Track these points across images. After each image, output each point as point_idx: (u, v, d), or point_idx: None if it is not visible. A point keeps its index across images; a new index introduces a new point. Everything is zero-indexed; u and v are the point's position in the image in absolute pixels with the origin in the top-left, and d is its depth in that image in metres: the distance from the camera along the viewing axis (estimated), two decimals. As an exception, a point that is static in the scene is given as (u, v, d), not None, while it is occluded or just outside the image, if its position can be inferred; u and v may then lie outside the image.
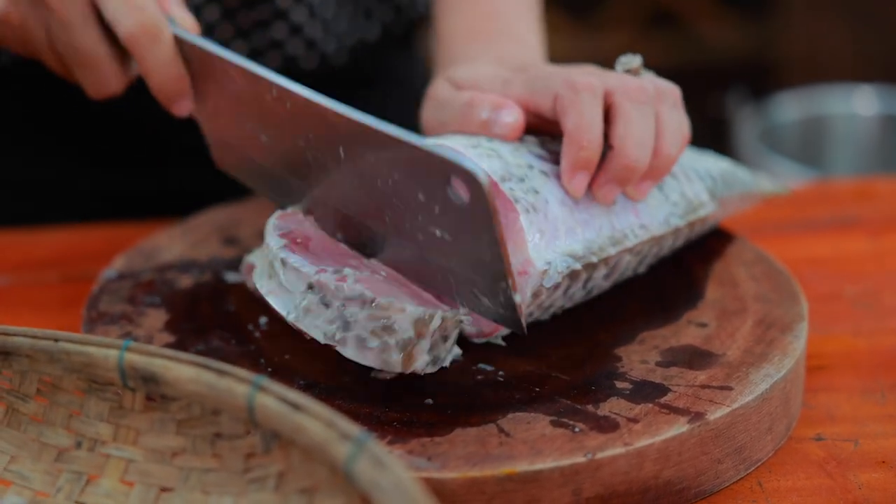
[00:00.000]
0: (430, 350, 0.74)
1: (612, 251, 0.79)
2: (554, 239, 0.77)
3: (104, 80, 0.86)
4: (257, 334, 0.81)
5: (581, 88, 0.78)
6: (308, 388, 0.75)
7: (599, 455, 0.69)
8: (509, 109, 0.81)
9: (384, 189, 0.74)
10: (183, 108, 0.87)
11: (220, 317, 0.84)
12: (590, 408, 0.73)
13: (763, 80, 2.73)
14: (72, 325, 0.85)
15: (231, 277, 0.88)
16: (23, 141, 1.16)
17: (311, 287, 0.73)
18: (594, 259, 0.78)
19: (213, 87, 0.85)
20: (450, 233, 0.72)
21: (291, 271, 0.74)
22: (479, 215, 0.68)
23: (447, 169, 0.68)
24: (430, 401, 0.74)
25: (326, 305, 0.72)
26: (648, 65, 0.84)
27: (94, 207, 1.15)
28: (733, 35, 2.98)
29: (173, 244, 0.93)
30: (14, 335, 0.67)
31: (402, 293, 0.75)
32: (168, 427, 0.67)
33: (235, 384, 0.62)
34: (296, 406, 0.60)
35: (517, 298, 0.71)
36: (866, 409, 0.80)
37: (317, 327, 0.73)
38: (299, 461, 0.62)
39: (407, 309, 0.72)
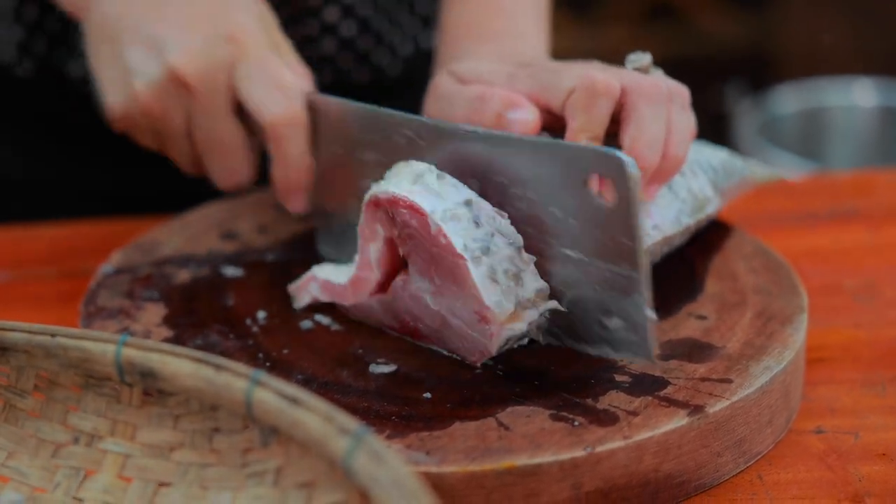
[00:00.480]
0: (529, 325, 0.75)
1: None
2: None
3: (238, 168, 0.87)
4: (255, 329, 0.81)
5: (600, 88, 0.77)
6: (306, 382, 0.75)
7: (599, 448, 0.68)
8: (525, 108, 0.80)
9: (518, 216, 0.75)
10: (300, 203, 0.87)
11: (219, 311, 0.83)
12: (589, 401, 0.72)
13: (762, 73, 2.73)
14: (70, 321, 0.85)
15: (229, 272, 0.88)
16: (21, 140, 1.16)
17: (468, 203, 0.74)
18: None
19: (332, 149, 0.84)
20: (583, 250, 0.73)
21: (449, 184, 0.75)
22: (621, 214, 0.69)
23: (588, 162, 0.70)
24: (428, 395, 0.74)
25: (477, 224, 0.74)
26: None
27: (91, 207, 1.15)
28: (732, 28, 2.98)
29: (171, 239, 0.93)
30: (11, 330, 0.67)
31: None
32: (166, 422, 0.67)
33: (233, 379, 0.62)
34: (294, 401, 0.60)
35: (650, 315, 0.72)
36: (866, 402, 0.80)
37: (459, 235, 0.74)
38: (298, 456, 0.62)
39: (538, 277, 0.74)
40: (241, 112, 0.85)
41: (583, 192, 0.72)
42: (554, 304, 0.76)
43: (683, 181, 0.85)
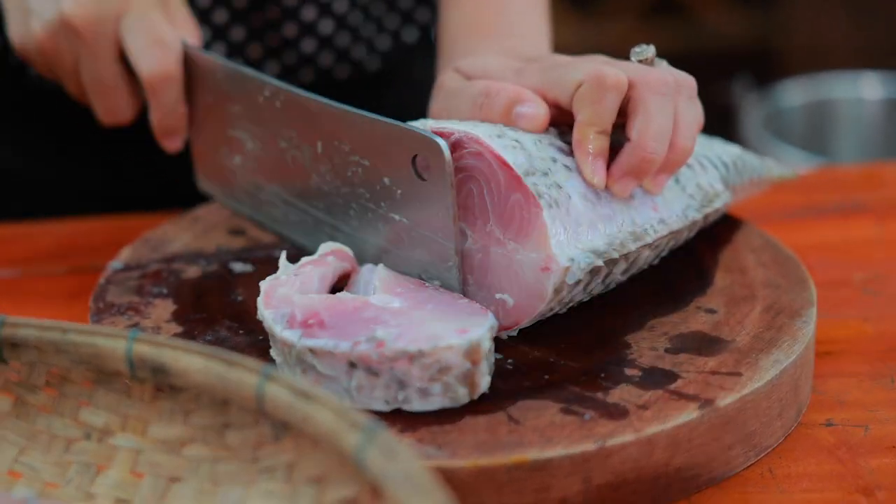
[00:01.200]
0: (489, 368, 0.74)
1: (632, 247, 0.78)
2: (576, 235, 0.77)
3: (118, 108, 0.94)
4: (265, 324, 0.81)
5: (608, 82, 0.77)
6: (316, 377, 0.75)
7: (609, 442, 0.68)
8: (533, 102, 0.80)
9: (352, 179, 0.82)
10: (175, 144, 0.96)
11: (228, 307, 0.84)
12: (599, 395, 0.72)
13: (768, 67, 2.73)
14: (79, 317, 0.85)
15: (238, 267, 0.88)
16: (27, 140, 1.16)
17: (353, 364, 0.71)
18: (615, 255, 0.77)
19: (207, 98, 0.93)
20: (407, 216, 0.79)
21: (326, 357, 0.72)
22: (438, 188, 0.75)
23: (415, 142, 0.76)
24: (439, 389, 0.74)
25: (376, 375, 0.71)
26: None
27: (92, 206, 1.15)
28: (738, 22, 2.98)
29: (180, 235, 0.93)
30: (22, 326, 0.67)
31: (432, 311, 0.75)
32: (177, 417, 0.67)
33: (244, 374, 0.62)
34: (305, 395, 0.60)
35: (457, 277, 0.78)
36: (876, 395, 0.80)
37: (375, 399, 0.72)
38: (309, 450, 0.62)
39: (453, 345, 0.71)
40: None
41: (409, 169, 0.78)
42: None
43: (692, 175, 0.85)
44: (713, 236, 0.90)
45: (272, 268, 0.87)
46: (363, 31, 1.15)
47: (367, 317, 0.73)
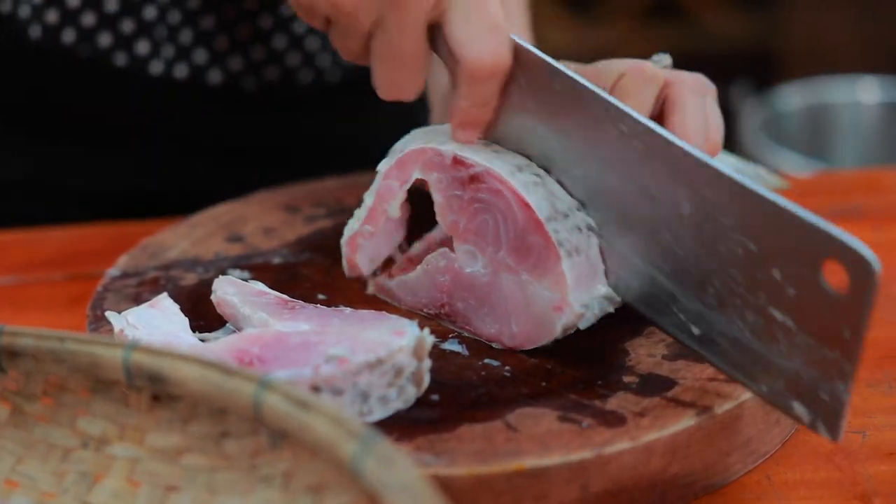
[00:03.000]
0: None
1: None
2: (593, 282, 0.77)
3: (406, 85, 0.81)
4: (263, 332, 0.81)
5: (649, 74, 0.79)
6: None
7: (607, 450, 0.68)
8: None
9: (724, 256, 0.70)
10: (472, 138, 0.80)
11: (226, 314, 0.84)
12: (597, 402, 0.73)
13: (767, 71, 2.73)
14: (78, 324, 0.85)
15: (236, 275, 0.88)
16: (28, 140, 1.16)
17: (316, 388, 0.71)
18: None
19: (520, 102, 0.79)
20: (796, 320, 0.68)
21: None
22: (853, 308, 0.65)
23: (826, 246, 0.65)
24: (436, 397, 0.74)
25: (340, 393, 0.71)
26: (650, 56, 0.84)
27: (95, 207, 1.15)
28: (736, 25, 2.98)
29: (178, 242, 0.93)
30: (20, 335, 0.67)
31: (350, 325, 0.75)
32: (174, 426, 0.67)
33: (242, 383, 0.62)
34: (303, 404, 0.60)
35: (846, 400, 0.66)
36: (874, 401, 0.80)
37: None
38: (307, 459, 0.62)
39: (403, 346, 0.71)
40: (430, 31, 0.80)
41: (813, 273, 0.66)
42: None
43: None
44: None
45: (270, 275, 0.88)
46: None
47: (297, 343, 0.73)
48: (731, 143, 2.15)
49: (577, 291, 0.76)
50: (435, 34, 0.78)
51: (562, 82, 0.76)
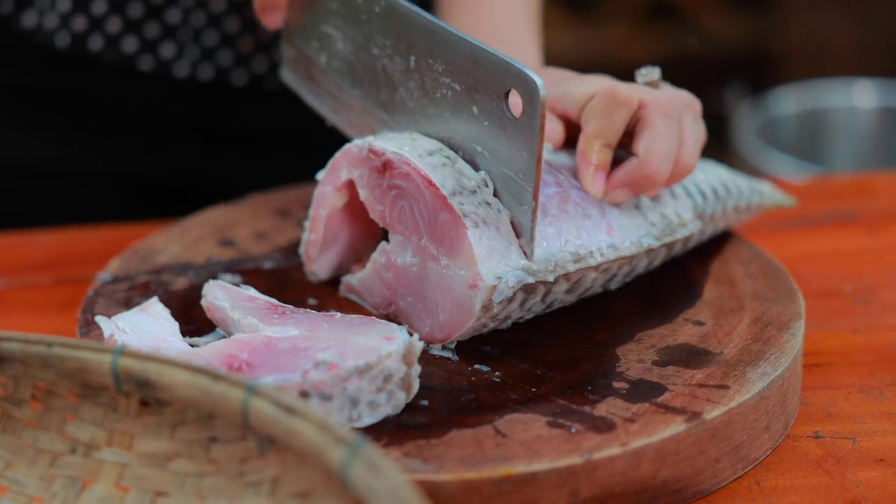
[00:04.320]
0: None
1: (571, 268, 0.78)
2: (507, 252, 0.77)
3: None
4: (253, 336, 0.81)
5: (621, 97, 0.79)
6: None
7: (596, 456, 0.68)
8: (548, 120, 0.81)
9: (441, 102, 0.80)
10: (275, 20, 0.92)
11: (216, 319, 0.83)
12: (586, 408, 0.72)
13: (762, 74, 2.73)
14: (68, 327, 0.85)
15: (227, 279, 0.88)
16: (56, 127, 1.16)
17: (305, 394, 0.70)
18: (549, 276, 0.77)
19: None
20: (489, 150, 0.77)
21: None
22: (526, 129, 0.74)
23: (510, 76, 0.74)
24: (425, 402, 0.74)
25: (329, 399, 0.71)
26: (647, 59, 0.84)
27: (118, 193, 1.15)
28: (732, 28, 2.98)
29: (169, 246, 0.93)
30: (7, 340, 0.67)
31: (339, 330, 0.75)
32: (163, 431, 0.67)
33: (229, 389, 0.62)
34: (290, 410, 0.60)
35: (531, 219, 0.76)
36: (864, 407, 0.80)
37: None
38: (294, 465, 0.62)
39: (392, 351, 0.71)
40: None
41: (499, 103, 0.76)
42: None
43: (657, 205, 0.84)
44: (702, 248, 0.90)
45: (261, 279, 0.88)
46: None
47: (286, 348, 0.73)
48: (726, 146, 2.15)
49: (489, 263, 0.76)
50: None
51: None
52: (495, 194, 0.78)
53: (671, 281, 0.86)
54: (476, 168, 0.80)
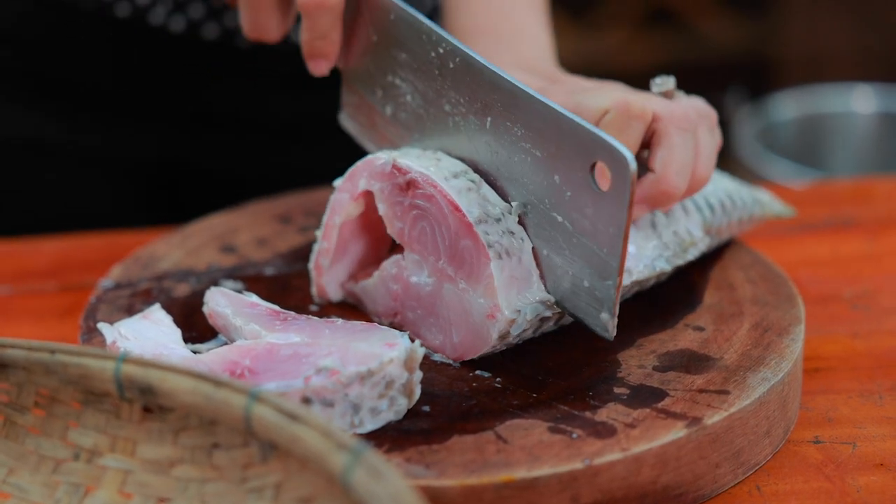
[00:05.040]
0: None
1: None
2: (527, 285, 0.77)
3: (267, 26, 0.88)
4: (255, 342, 0.81)
5: (635, 111, 0.79)
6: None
7: (597, 461, 0.69)
8: None
9: (519, 167, 0.77)
10: (321, 69, 0.88)
11: (218, 325, 0.84)
12: (587, 414, 0.73)
13: (762, 79, 2.73)
14: (70, 334, 0.85)
15: (228, 286, 0.88)
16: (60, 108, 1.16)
17: (307, 400, 0.71)
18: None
19: (372, 35, 0.86)
20: (572, 221, 0.75)
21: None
22: (615, 203, 0.72)
23: (597, 148, 0.72)
24: (427, 408, 0.74)
25: (331, 405, 0.71)
26: (646, 63, 0.84)
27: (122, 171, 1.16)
28: (732, 33, 2.98)
29: (171, 252, 0.93)
30: (10, 347, 0.67)
31: (341, 336, 0.75)
32: (165, 438, 0.67)
33: (232, 395, 0.62)
34: (292, 416, 0.60)
35: (615, 301, 0.74)
36: (864, 411, 0.80)
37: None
38: (297, 471, 0.63)
39: (394, 357, 0.72)
40: None
41: (584, 174, 0.73)
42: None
43: (671, 222, 0.85)
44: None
45: (263, 286, 0.88)
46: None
47: (288, 354, 0.73)
48: (726, 151, 2.14)
49: (509, 295, 0.76)
50: None
51: (396, 14, 0.83)
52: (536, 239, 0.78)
53: (671, 286, 0.86)
54: (502, 194, 0.79)
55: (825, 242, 1.05)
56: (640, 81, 0.89)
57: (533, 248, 0.77)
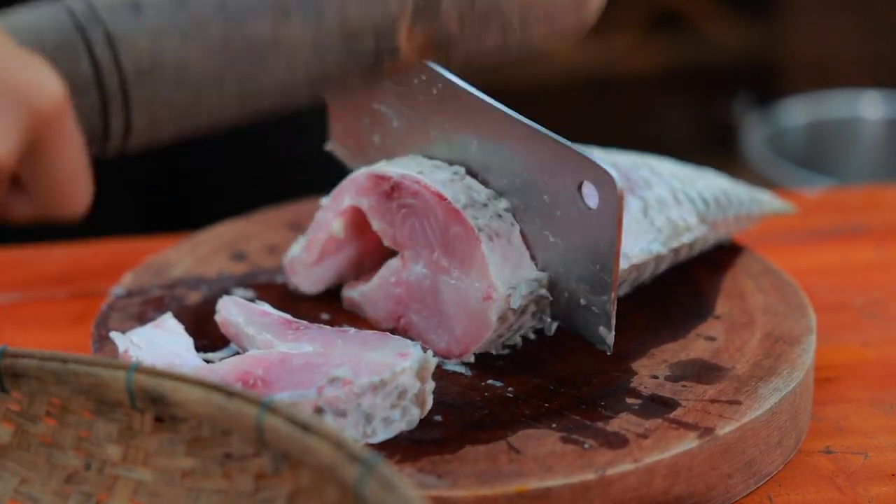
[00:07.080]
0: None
1: None
2: (519, 264, 0.78)
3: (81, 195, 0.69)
4: (266, 351, 0.81)
5: None
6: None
7: (610, 471, 0.69)
8: None
9: (509, 190, 0.79)
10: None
11: (229, 334, 0.84)
12: (599, 424, 0.73)
13: (769, 85, 2.73)
14: (81, 342, 0.85)
15: (240, 293, 0.88)
16: None
17: (320, 410, 0.71)
18: None
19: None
20: (563, 238, 0.77)
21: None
22: (604, 220, 0.74)
23: (583, 168, 0.74)
24: (438, 417, 0.74)
25: (343, 415, 0.71)
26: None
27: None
28: (739, 38, 2.98)
29: (182, 260, 0.93)
30: (22, 357, 0.67)
31: (354, 345, 0.75)
32: (177, 448, 0.67)
33: (244, 405, 0.62)
34: (305, 427, 0.60)
35: (611, 315, 0.76)
36: (875, 421, 0.80)
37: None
38: (309, 482, 0.62)
39: (406, 367, 0.72)
40: None
41: (572, 193, 0.75)
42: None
43: (663, 209, 0.85)
44: (712, 262, 0.90)
45: (273, 293, 0.88)
46: None
47: (301, 364, 0.73)
48: (734, 157, 2.15)
49: (502, 273, 0.77)
50: None
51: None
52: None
53: (682, 296, 0.86)
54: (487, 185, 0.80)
55: (835, 250, 1.05)
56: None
57: (521, 231, 0.79)
